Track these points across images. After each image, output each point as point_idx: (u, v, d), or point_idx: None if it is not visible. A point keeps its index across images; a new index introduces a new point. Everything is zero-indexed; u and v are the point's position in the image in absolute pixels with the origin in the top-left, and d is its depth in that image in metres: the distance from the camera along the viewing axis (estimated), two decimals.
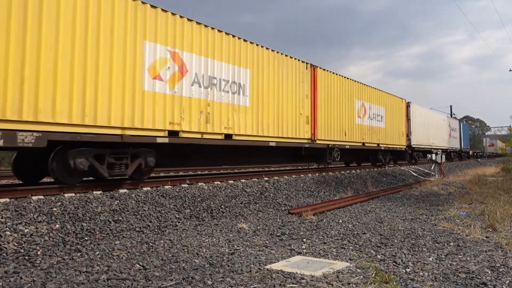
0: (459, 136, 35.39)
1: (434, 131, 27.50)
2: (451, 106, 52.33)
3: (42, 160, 7.34)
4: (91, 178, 8.05)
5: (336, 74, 15.03)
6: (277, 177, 11.67)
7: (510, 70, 37.34)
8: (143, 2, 7.87)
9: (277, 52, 11.73)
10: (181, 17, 8.69)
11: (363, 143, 17.28)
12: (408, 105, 22.76)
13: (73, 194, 6.72)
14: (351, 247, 5.37)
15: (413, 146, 22.80)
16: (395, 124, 20.51)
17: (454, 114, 54.12)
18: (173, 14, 8.50)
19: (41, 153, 7.03)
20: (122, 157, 7.67)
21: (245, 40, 10.48)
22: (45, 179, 8.57)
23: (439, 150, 23.30)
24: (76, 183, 7.22)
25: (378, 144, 18.50)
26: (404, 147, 21.64)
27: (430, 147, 25.58)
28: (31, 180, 8.07)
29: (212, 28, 9.51)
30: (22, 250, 4.89)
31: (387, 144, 19.36)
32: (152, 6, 8.05)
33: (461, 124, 37.34)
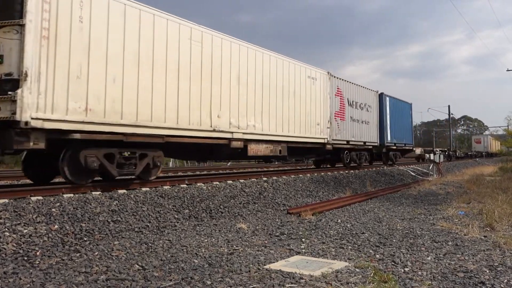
0: (377, 120, 18.86)
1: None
2: (449, 106, 52.42)
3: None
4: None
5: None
6: (275, 177, 11.68)
7: (507, 70, 37.40)
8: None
9: None
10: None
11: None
12: None
13: (72, 195, 6.71)
14: (350, 247, 5.38)
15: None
16: None
17: (452, 114, 54.22)
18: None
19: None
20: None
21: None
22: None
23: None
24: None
25: None
26: None
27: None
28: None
29: None
30: (21, 251, 4.89)
31: None
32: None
33: (387, 100, 19.96)
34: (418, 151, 26.97)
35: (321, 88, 14.13)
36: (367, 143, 17.70)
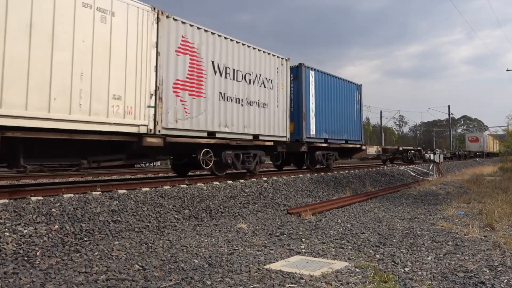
0: (286, 103, 12.48)
1: None
2: (449, 106, 52.48)
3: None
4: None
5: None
6: (275, 177, 11.68)
7: (507, 70, 37.39)
8: None
9: None
10: None
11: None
12: None
13: (72, 195, 6.72)
14: (350, 247, 5.38)
15: None
16: None
17: (452, 114, 54.28)
18: None
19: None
20: None
21: None
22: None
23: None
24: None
25: None
26: None
27: None
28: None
29: None
30: (21, 251, 4.89)
31: None
32: None
33: (311, 75, 14.05)
34: (371, 150, 20.39)
35: (128, 32, 7.66)
36: (262, 137, 11.32)
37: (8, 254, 4.77)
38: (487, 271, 4.22)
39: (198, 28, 9.44)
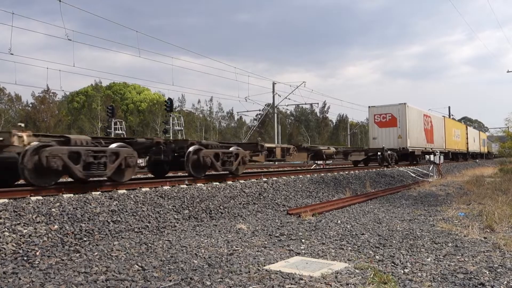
0: None
1: None
2: (449, 107, 52.41)
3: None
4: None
5: None
6: (275, 178, 11.68)
7: (508, 72, 37.24)
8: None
9: None
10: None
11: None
12: None
13: (72, 195, 6.71)
14: (349, 248, 5.38)
15: None
16: None
17: (452, 115, 54.26)
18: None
19: None
20: None
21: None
22: None
23: None
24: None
25: None
26: None
27: None
28: None
29: None
30: (20, 251, 4.88)
31: None
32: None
33: None
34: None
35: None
36: None
37: (8, 254, 4.77)
38: (487, 272, 4.21)
39: None
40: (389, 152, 20.96)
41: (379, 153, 20.28)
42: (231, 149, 10.75)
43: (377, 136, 23.57)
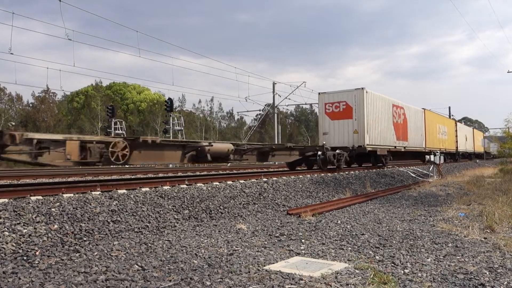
0: None
1: None
2: (449, 108, 52.40)
3: None
4: None
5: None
6: (275, 178, 11.68)
7: (508, 72, 37.19)
8: None
9: None
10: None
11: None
12: None
13: (72, 195, 6.71)
14: (349, 248, 5.37)
15: None
16: None
17: (453, 115, 54.20)
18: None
19: None
20: None
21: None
22: None
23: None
24: None
25: None
26: None
27: None
28: None
29: None
30: (20, 251, 4.88)
31: None
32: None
33: None
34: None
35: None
36: None
37: (8, 253, 4.77)
38: (487, 273, 4.21)
39: None
40: (337, 151, 16.06)
41: (319, 153, 15.09)
42: None
43: (328, 130, 18.36)
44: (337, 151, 16.02)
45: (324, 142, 16.55)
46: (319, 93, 18.93)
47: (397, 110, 21.25)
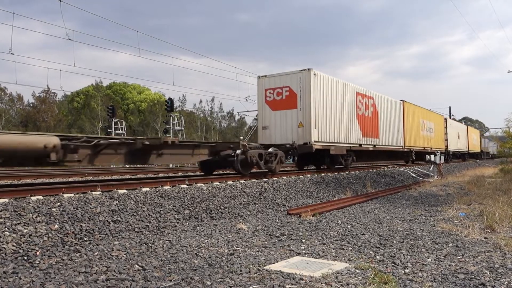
0: None
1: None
2: (450, 107, 52.44)
3: None
4: None
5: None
6: (276, 178, 11.68)
7: (508, 72, 37.08)
8: None
9: None
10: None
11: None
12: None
13: (72, 195, 6.71)
14: (350, 248, 5.37)
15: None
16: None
17: (453, 115, 54.20)
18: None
19: None
20: None
21: None
22: None
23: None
24: None
25: None
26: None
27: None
28: None
29: None
30: (21, 251, 4.88)
31: None
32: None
33: None
34: None
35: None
36: None
37: (8, 253, 4.77)
38: (488, 272, 4.21)
39: None
40: (270, 149, 12.27)
41: (237, 152, 11.02)
42: None
43: (268, 124, 14.65)
44: (270, 149, 12.28)
45: (236, 140, 13.14)
46: (258, 77, 15.11)
47: (363, 100, 17.29)
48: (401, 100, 22.01)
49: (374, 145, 18.06)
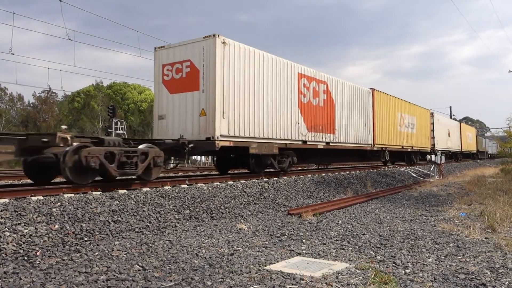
0: None
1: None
2: (450, 107, 52.41)
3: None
4: None
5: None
6: (276, 178, 11.67)
7: (509, 72, 37.12)
8: None
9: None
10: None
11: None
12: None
13: (73, 195, 6.71)
14: (350, 248, 5.36)
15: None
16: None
17: (454, 115, 54.10)
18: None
19: None
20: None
21: None
22: None
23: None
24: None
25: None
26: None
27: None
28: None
29: None
30: (21, 251, 4.88)
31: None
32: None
33: None
34: None
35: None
36: None
37: (8, 253, 4.77)
38: (488, 273, 4.20)
39: None
40: (141, 146, 8.42)
41: (66, 150, 7.01)
42: None
43: (166, 112, 10.90)
44: (141, 146, 8.42)
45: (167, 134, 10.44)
46: (155, 48, 11.22)
47: (310, 85, 13.49)
48: (370, 89, 18.27)
49: (328, 142, 14.46)
